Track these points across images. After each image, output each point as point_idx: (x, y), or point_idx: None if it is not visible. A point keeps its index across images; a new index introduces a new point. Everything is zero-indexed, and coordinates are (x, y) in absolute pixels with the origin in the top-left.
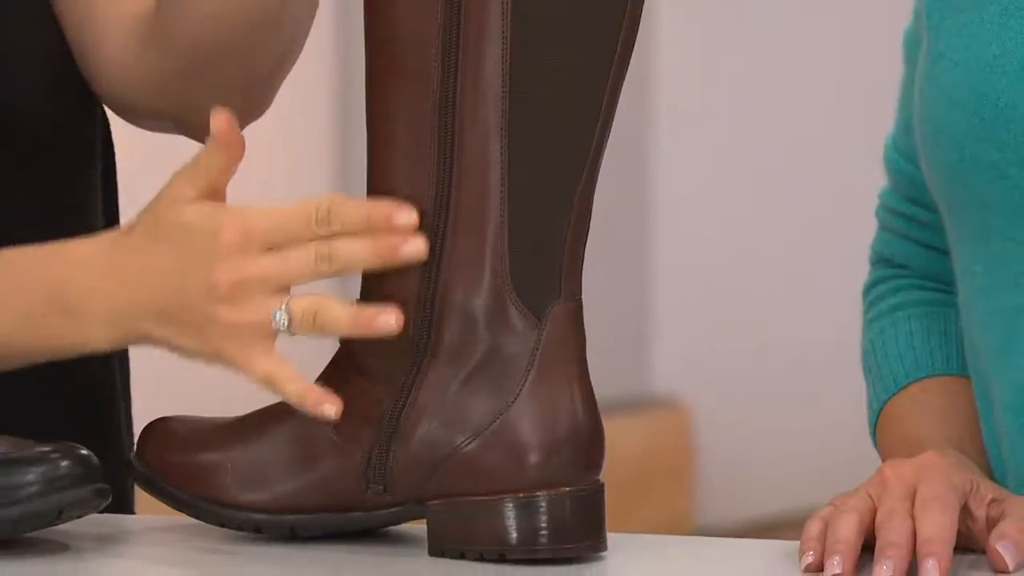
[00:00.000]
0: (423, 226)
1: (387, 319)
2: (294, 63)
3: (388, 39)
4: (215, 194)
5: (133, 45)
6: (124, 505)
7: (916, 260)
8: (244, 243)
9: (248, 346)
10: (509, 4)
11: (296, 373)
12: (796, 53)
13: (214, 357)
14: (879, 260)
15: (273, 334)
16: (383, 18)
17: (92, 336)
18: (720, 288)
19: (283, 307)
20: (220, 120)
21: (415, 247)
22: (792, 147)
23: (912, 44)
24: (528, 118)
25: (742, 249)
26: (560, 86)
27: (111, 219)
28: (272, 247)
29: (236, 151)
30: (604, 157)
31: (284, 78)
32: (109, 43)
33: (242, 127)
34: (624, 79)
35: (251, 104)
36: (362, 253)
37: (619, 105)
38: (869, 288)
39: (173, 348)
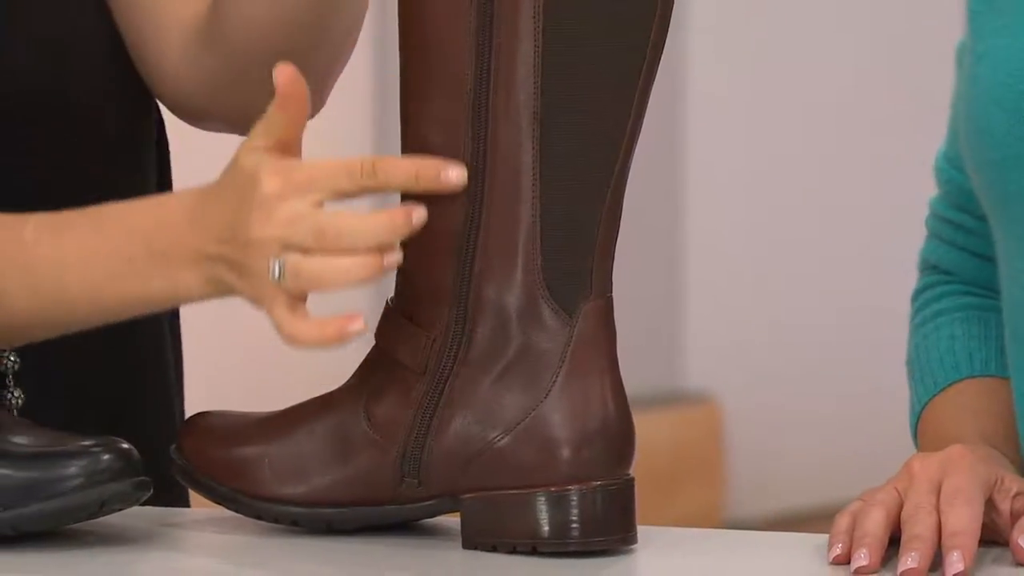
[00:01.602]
0: (457, 225)
1: (392, 260)
2: (345, 63)
3: (422, 43)
4: (286, 147)
5: (189, 47)
6: (181, 499)
7: (962, 267)
8: (282, 191)
9: (269, 295)
10: (540, 6)
11: (310, 323)
12: (830, 47)
13: (260, 303)
14: (927, 267)
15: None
16: (417, 23)
17: (181, 282)
18: (751, 284)
19: (281, 260)
20: (282, 75)
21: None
22: (825, 144)
23: (963, 55)
24: (560, 119)
25: (774, 245)
26: (591, 86)
27: None
28: (314, 197)
29: (299, 105)
30: (635, 154)
31: (336, 78)
32: (166, 45)
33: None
34: (655, 78)
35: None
36: (373, 233)
37: (650, 102)
38: (916, 295)
39: (239, 294)
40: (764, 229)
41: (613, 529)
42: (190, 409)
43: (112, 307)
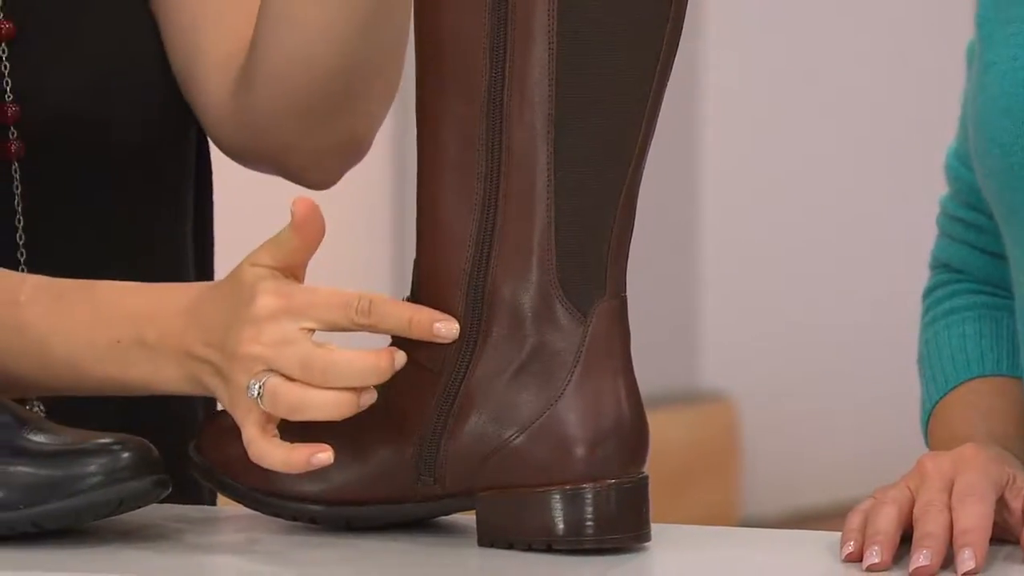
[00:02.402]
0: (473, 226)
1: (370, 397)
2: (389, 99)
3: (437, 45)
4: (291, 270)
5: (230, 85)
6: (202, 496)
7: (973, 265)
8: (276, 313)
9: (244, 408)
10: (555, 8)
11: (279, 447)
12: (846, 45)
13: (233, 412)
14: (938, 265)
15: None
16: (432, 25)
17: (162, 373)
18: (766, 284)
19: (262, 382)
20: (300, 207)
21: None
22: (842, 143)
23: (972, 56)
24: (574, 120)
25: (788, 245)
26: (606, 87)
27: (202, 245)
28: (307, 325)
29: (314, 233)
30: (650, 154)
31: (381, 117)
32: (211, 83)
33: (339, 168)
34: (669, 78)
35: (345, 144)
36: (356, 375)
37: (665, 101)
38: (927, 293)
39: (216, 397)
40: (778, 228)
41: (627, 527)
42: (210, 407)
43: (90, 383)
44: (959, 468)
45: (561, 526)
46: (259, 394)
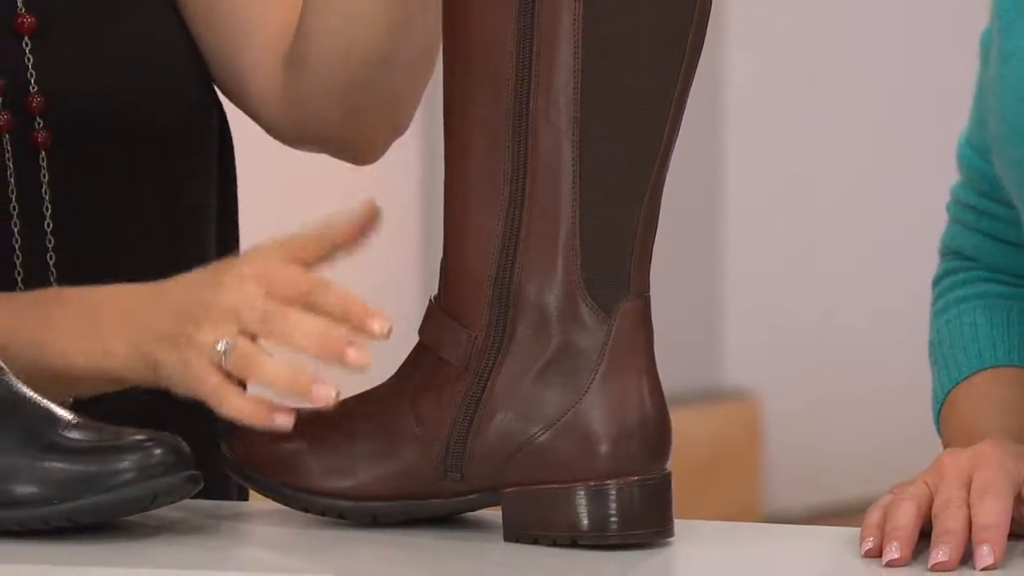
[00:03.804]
0: (499, 226)
1: (325, 391)
2: (426, 81)
3: (465, 49)
4: (300, 255)
5: (275, 69)
6: (231, 492)
7: (986, 252)
8: (239, 281)
9: (201, 365)
10: (580, 13)
11: (244, 395)
12: (868, 45)
13: (188, 378)
14: (948, 252)
15: (220, 359)
16: (460, 29)
17: (112, 352)
18: (789, 281)
19: (231, 341)
20: (366, 207)
21: (359, 359)
22: (861, 141)
23: (988, 44)
24: (599, 122)
25: (811, 242)
26: (630, 90)
27: (225, 238)
28: (266, 292)
29: (354, 237)
30: (673, 154)
31: (419, 96)
32: (259, 65)
33: (384, 145)
34: (692, 80)
35: (390, 119)
36: (309, 336)
37: (688, 103)
38: (938, 280)
39: (165, 373)
40: (802, 226)
41: (650, 522)
42: None
43: (45, 371)
44: (977, 465)
45: (586, 522)
46: (225, 351)
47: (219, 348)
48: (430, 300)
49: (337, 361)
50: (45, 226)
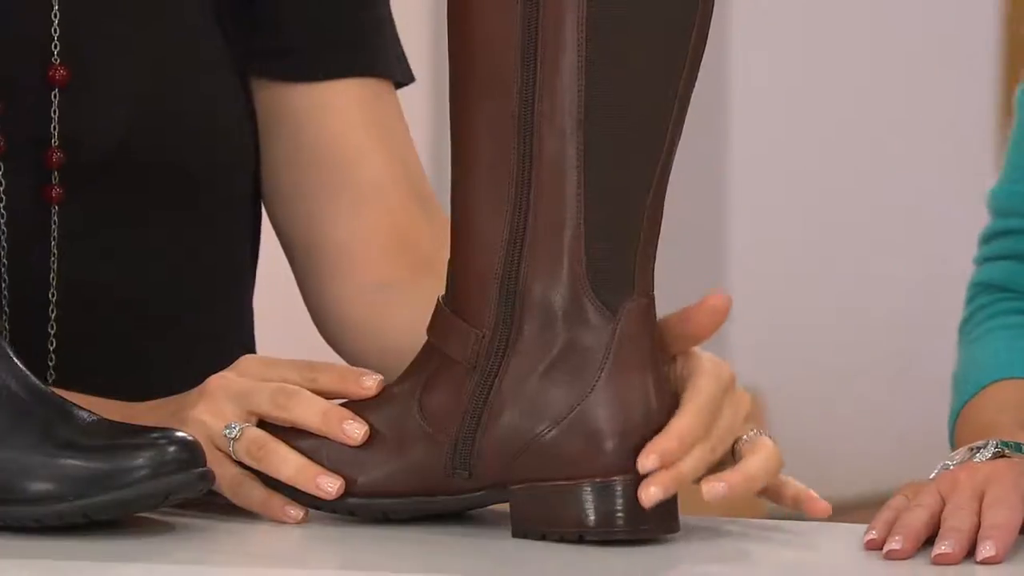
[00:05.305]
0: (505, 227)
1: (330, 482)
2: None
3: (469, 52)
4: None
5: (333, 292)
6: None
7: (1016, 276)
8: (243, 366)
9: (209, 448)
10: (584, 15)
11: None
12: (874, 41)
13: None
14: (976, 294)
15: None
16: (465, 32)
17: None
18: (795, 280)
19: (239, 426)
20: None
21: (353, 431)
22: (867, 140)
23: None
24: (603, 124)
25: (817, 241)
26: (634, 91)
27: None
28: (267, 378)
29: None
30: (677, 153)
31: None
32: (346, 313)
33: None
34: (695, 82)
35: None
36: (312, 419)
37: (692, 101)
38: (964, 322)
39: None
40: (807, 225)
41: (657, 518)
42: None
43: None
44: (991, 479)
45: (592, 518)
46: (236, 435)
47: (228, 433)
48: (438, 300)
49: (337, 436)
50: (51, 279)
